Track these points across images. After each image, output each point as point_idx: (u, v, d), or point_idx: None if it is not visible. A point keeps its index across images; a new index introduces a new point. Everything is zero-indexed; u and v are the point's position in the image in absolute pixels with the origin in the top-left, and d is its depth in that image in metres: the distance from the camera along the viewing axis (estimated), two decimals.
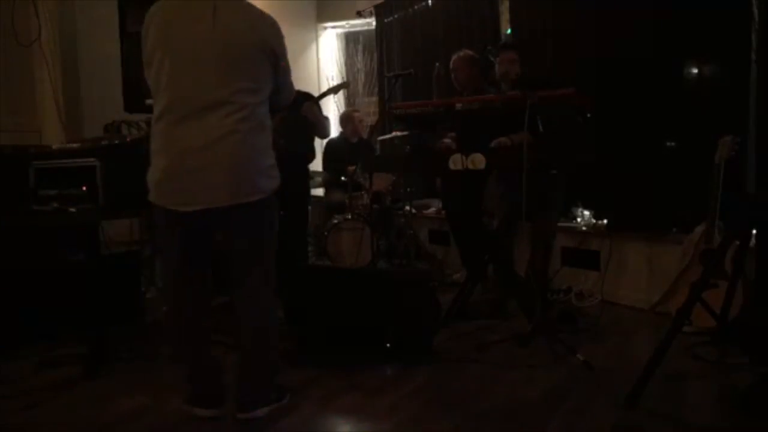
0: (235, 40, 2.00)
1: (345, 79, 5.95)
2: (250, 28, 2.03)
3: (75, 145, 3.05)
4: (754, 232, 2.75)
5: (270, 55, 2.07)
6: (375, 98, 6.10)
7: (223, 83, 1.98)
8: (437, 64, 4.13)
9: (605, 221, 3.92)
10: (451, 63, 3.77)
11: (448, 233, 4.73)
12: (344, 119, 5.14)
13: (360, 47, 6.32)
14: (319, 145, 4.80)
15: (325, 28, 6.37)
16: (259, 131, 2.08)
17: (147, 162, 2.07)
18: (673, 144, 3.67)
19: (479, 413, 2.25)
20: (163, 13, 2.01)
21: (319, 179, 5.17)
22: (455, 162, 2.84)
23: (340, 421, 2.25)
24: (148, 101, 3.19)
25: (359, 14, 6.00)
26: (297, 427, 2.16)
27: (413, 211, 4.90)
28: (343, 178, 4.75)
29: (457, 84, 3.75)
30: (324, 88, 4.99)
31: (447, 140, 3.43)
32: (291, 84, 2.28)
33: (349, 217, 4.38)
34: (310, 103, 3.71)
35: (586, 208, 4.04)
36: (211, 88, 1.97)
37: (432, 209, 5.12)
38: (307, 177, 4.23)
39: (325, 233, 4.35)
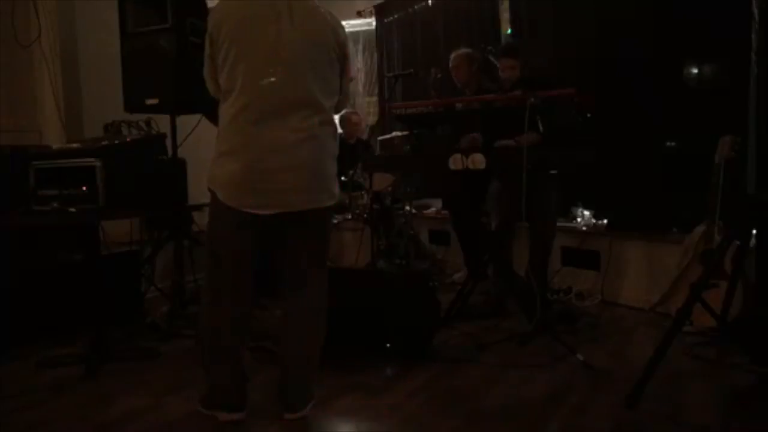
0: (313, 40, 1.98)
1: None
2: (327, 29, 2.02)
3: (75, 145, 3.05)
4: (754, 232, 2.75)
5: (341, 58, 2.07)
6: (375, 98, 6.10)
7: (303, 84, 1.95)
8: (432, 69, 4.13)
9: (605, 221, 3.92)
10: (451, 61, 3.77)
11: (448, 233, 4.73)
12: (341, 121, 5.15)
13: (360, 47, 6.31)
14: None
15: None
16: (333, 136, 2.09)
17: (147, 162, 2.06)
18: (673, 144, 3.68)
19: (479, 413, 2.25)
20: (237, 12, 1.97)
21: None
22: (455, 162, 2.84)
23: (341, 421, 2.24)
24: (149, 101, 3.23)
25: (359, 14, 6.01)
26: (298, 427, 2.16)
27: (413, 211, 4.90)
28: (343, 178, 4.75)
29: (458, 81, 3.75)
30: None
31: (474, 136, 3.40)
32: (348, 92, 2.24)
33: (349, 217, 4.38)
34: None
35: (586, 208, 4.04)
36: (291, 88, 1.94)
37: (432, 209, 5.12)
38: None
39: None
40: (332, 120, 2.08)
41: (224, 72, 1.97)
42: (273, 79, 1.92)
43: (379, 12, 5.86)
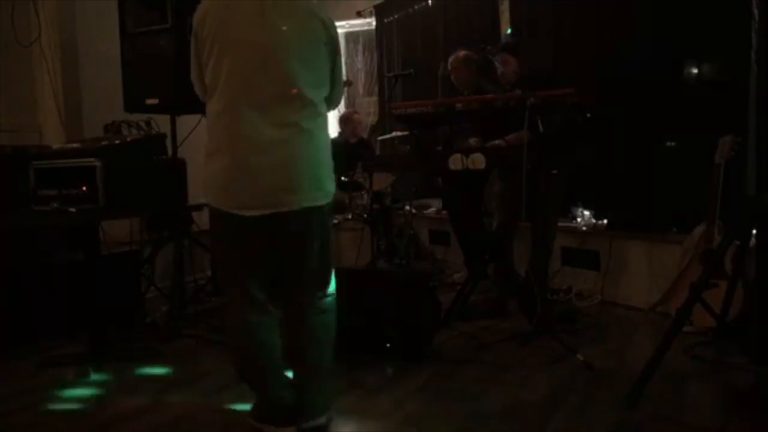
0: (300, 32, 1.89)
1: (346, 78, 5.94)
2: (315, 21, 1.93)
3: (75, 145, 3.05)
4: (754, 232, 2.75)
5: (331, 50, 1.98)
6: (375, 98, 6.11)
7: (290, 77, 1.86)
8: (442, 63, 4.13)
9: (605, 221, 3.92)
10: (449, 65, 3.78)
11: (448, 233, 4.73)
12: (344, 120, 5.13)
13: (360, 47, 6.31)
14: None
15: None
16: (324, 129, 1.99)
17: (147, 162, 2.02)
18: (673, 144, 3.68)
19: (479, 413, 2.25)
20: (220, 9, 1.90)
21: None
22: (455, 162, 2.84)
23: (341, 421, 2.24)
24: (149, 101, 3.23)
25: (359, 14, 6.01)
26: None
27: (413, 211, 4.90)
28: (343, 178, 4.76)
29: (458, 84, 3.76)
30: None
31: (473, 141, 3.41)
32: (342, 85, 2.15)
33: (349, 217, 4.38)
34: None
35: (586, 208, 4.04)
36: (278, 82, 1.85)
37: (432, 209, 5.12)
38: None
39: None
40: (323, 112, 1.98)
41: (208, 69, 1.91)
42: (258, 73, 1.84)
43: (379, 12, 5.87)
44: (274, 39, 1.86)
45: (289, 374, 2.08)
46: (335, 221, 4.37)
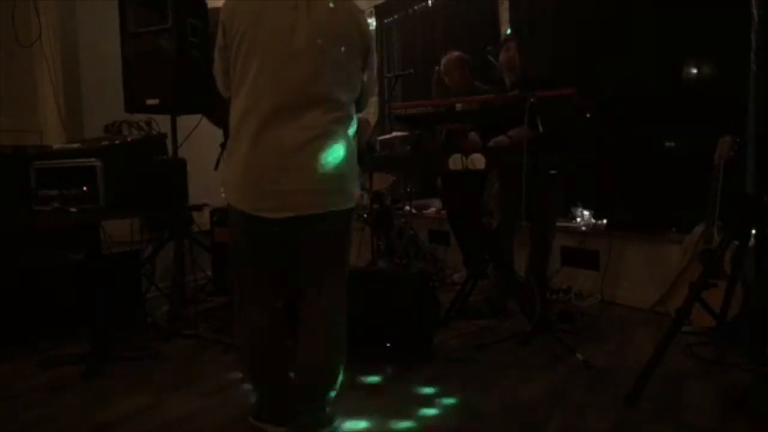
0: (333, 31, 1.83)
1: None
2: (349, 20, 1.89)
3: (76, 146, 3.05)
4: (754, 232, 2.75)
5: (364, 49, 1.93)
6: (375, 98, 6.10)
7: (320, 77, 1.81)
8: (437, 67, 4.13)
9: (605, 221, 3.93)
10: (443, 65, 3.76)
11: (448, 233, 4.73)
12: (359, 127, 5.10)
13: None
14: None
15: None
16: (352, 133, 1.95)
17: (148, 162, 2.00)
18: (673, 144, 3.68)
19: (479, 413, 2.26)
20: (251, 3, 1.83)
21: None
22: (455, 162, 2.84)
23: (341, 421, 2.24)
24: (149, 101, 3.24)
25: None
26: None
27: (413, 211, 4.90)
28: None
29: (451, 86, 3.75)
30: None
31: (472, 135, 3.39)
32: (373, 85, 2.11)
33: None
34: None
35: (586, 208, 4.04)
36: (308, 82, 1.80)
37: (432, 209, 5.13)
38: None
39: None
40: (351, 116, 1.93)
41: (237, 65, 1.83)
42: (288, 72, 1.79)
43: (379, 12, 5.87)
44: (306, 39, 1.80)
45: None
46: None
